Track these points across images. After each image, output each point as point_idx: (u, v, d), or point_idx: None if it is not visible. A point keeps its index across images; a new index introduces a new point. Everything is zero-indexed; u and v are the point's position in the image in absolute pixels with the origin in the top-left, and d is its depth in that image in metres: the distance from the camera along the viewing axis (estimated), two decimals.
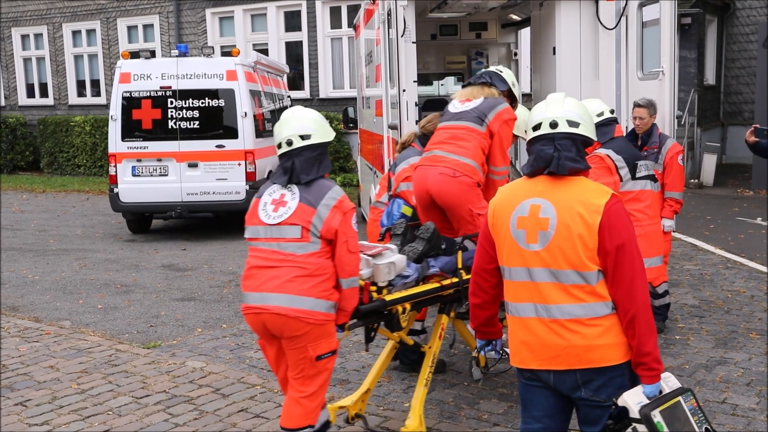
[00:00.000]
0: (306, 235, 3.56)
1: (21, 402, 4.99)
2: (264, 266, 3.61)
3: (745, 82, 18.19)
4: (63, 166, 19.11)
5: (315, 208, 3.57)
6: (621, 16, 6.76)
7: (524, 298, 2.87)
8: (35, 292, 8.03)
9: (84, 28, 19.88)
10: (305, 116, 3.75)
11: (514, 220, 2.89)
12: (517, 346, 2.93)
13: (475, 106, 4.85)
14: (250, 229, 3.71)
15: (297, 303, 3.51)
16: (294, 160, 3.65)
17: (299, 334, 3.55)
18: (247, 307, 3.66)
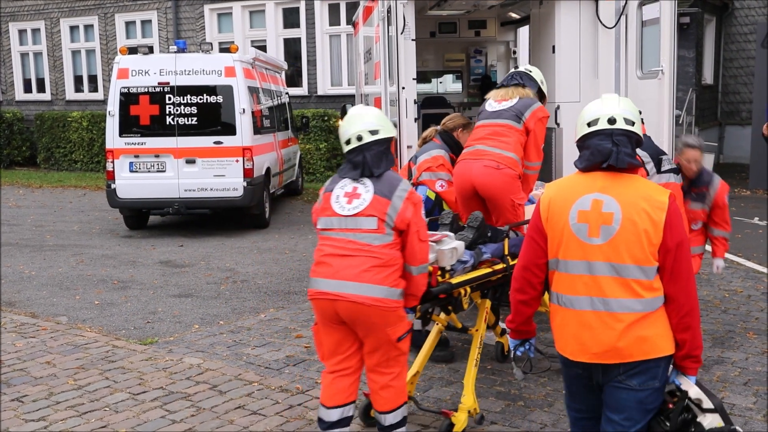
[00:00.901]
0: (381, 227, 3.72)
1: (17, 398, 4.98)
2: (339, 255, 3.74)
3: (743, 81, 18.21)
4: (60, 162, 19.07)
5: (390, 200, 3.73)
6: (621, 15, 6.75)
7: (581, 291, 2.93)
8: (32, 288, 8.01)
9: (82, 24, 19.82)
10: (372, 113, 3.96)
11: (575, 213, 2.94)
12: (566, 338, 3.00)
13: (512, 105, 5.21)
14: (322, 220, 3.87)
15: (373, 291, 3.67)
16: (365, 154, 3.81)
17: (374, 321, 3.71)
18: (321, 293, 3.78)
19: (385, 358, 3.83)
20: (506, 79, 5.47)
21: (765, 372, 5.24)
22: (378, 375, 3.86)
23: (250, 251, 9.77)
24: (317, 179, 16.17)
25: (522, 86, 5.31)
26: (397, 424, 3.90)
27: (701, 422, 2.88)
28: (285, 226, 11.62)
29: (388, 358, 3.83)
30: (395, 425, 3.90)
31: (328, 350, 3.91)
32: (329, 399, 3.88)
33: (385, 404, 3.87)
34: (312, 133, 15.97)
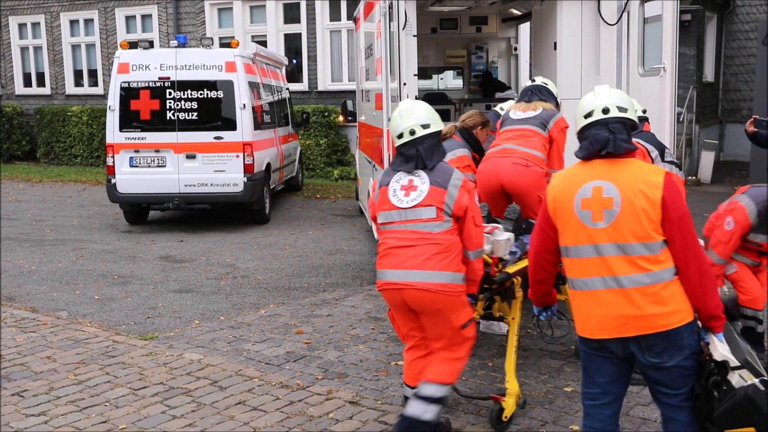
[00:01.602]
0: (440, 215, 3.87)
1: (18, 392, 4.98)
2: (402, 246, 3.89)
3: (744, 79, 18.19)
4: (60, 156, 19.05)
5: (446, 189, 3.89)
6: (622, 12, 6.74)
7: (592, 272, 3.13)
8: (32, 282, 8.01)
9: (82, 18, 19.78)
10: (423, 107, 4.10)
11: (578, 201, 3.16)
12: (583, 318, 3.20)
13: (537, 114, 5.60)
14: (382, 214, 4.01)
15: (437, 278, 3.81)
16: (417, 147, 3.96)
17: (440, 307, 3.85)
18: (388, 284, 3.93)
19: (449, 344, 3.98)
20: (526, 93, 5.77)
21: None
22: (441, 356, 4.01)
23: (250, 247, 9.77)
24: (317, 175, 16.17)
25: (543, 101, 5.70)
26: (438, 400, 3.96)
27: (730, 380, 3.07)
28: (285, 221, 11.61)
29: (452, 344, 3.98)
30: (435, 400, 3.95)
31: (403, 331, 4.12)
32: (412, 379, 4.08)
33: (435, 374, 3.96)
34: (312, 129, 15.96)
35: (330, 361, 5.54)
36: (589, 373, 3.29)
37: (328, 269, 8.48)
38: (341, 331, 6.23)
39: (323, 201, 13.64)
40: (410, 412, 3.93)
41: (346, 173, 15.80)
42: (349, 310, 6.83)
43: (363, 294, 7.41)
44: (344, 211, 12.51)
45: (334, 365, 5.45)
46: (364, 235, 10.32)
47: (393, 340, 5.98)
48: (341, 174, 15.87)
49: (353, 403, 4.75)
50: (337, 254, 9.25)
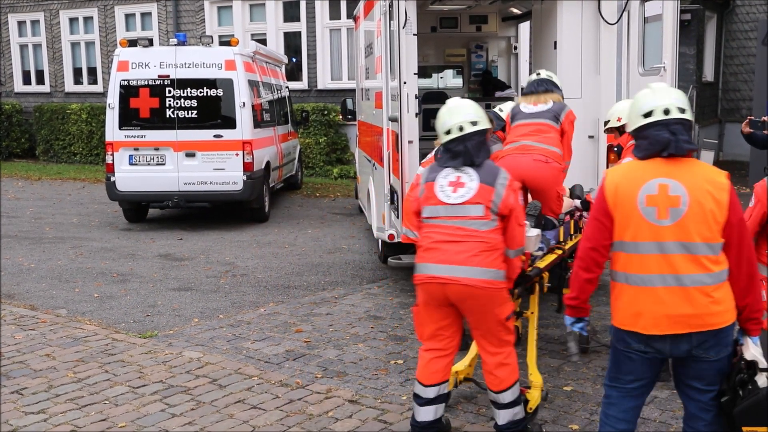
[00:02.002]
0: (487, 213, 3.92)
1: (17, 390, 4.98)
2: (449, 241, 3.92)
3: (744, 79, 18.19)
4: (59, 154, 19.03)
5: (494, 188, 3.93)
6: (623, 12, 6.75)
7: (652, 269, 3.15)
8: (31, 280, 8.00)
9: (81, 15, 19.75)
10: (471, 105, 4.12)
11: (642, 198, 3.16)
12: (634, 314, 3.19)
13: (549, 108, 5.65)
14: (428, 208, 4.04)
15: (483, 274, 3.86)
16: (466, 144, 3.99)
17: (484, 303, 3.90)
18: (431, 278, 3.94)
19: (497, 339, 4.02)
20: (533, 85, 5.79)
21: None
22: (491, 356, 4.03)
23: (250, 245, 9.77)
24: (317, 173, 16.16)
25: (551, 92, 5.73)
26: (515, 402, 4.04)
27: (757, 380, 3.15)
28: (284, 220, 11.61)
29: (500, 339, 4.02)
30: (513, 402, 4.03)
31: (429, 331, 4.10)
32: (427, 378, 4.08)
33: (501, 383, 4.02)
34: (312, 128, 15.95)
35: (329, 359, 5.54)
36: (620, 367, 3.33)
37: (328, 268, 8.47)
38: (341, 330, 6.23)
39: (322, 199, 13.63)
40: (503, 421, 4.05)
41: (346, 172, 15.79)
42: (348, 309, 6.83)
43: (362, 293, 7.41)
44: (343, 209, 12.51)
45: (334, 364, 5.45)
46: (363, 233, 10.32)
47: (392, 339, 5.98)
48: (341, 173, 15.86)
49: (352, 402, 4.75)
50: (337, 253, 9.25)
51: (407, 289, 7.48)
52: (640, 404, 3.38)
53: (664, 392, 4.83)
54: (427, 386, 4.06)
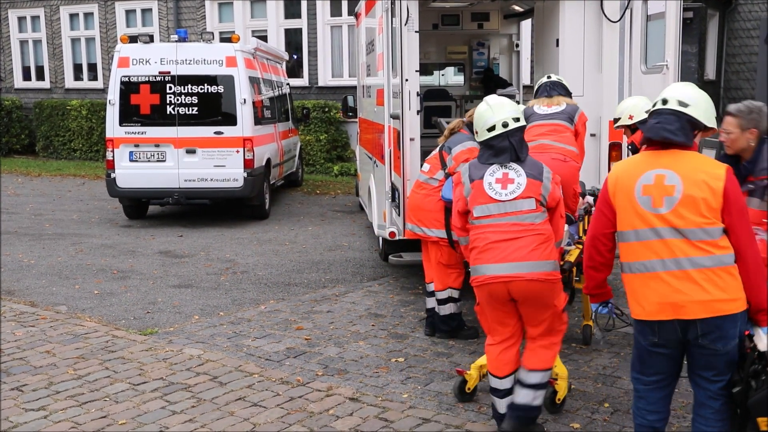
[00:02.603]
0: (539, 206, 4.03)
1: (17, 387, 4.96)
2: (506, 239, 3.99)
3: (746, 77, 18.16)
4: (59, 150, 19.01)
5: (542, 181, 4.05)
6: (625, 10, 6.71)
7: (652, 255, 3.27)
8: (31, 277, 7.99)
9: (81, 11, 19.72)
10: (510, 102, 4.25)
11: (639, 188, 3.32)
12: (641, 301, 3.31)
13: (563, 110, 5.81)
14: (479, 208, 4.08)
15: (544, 267, 3.96)
16: (510, 139, 4.07)
17: (545, 295, 4.00)
18: (494, 278, 3.99)
19: (549, 329, 4.12)
20: (546, 89, 5.95)
21: None
22: (540, 338, 4.14)
23: (250, 242, 9.75)
24: (317, 170, 16.14)
25: (563, 96, 5.92)
26: (540, 386, 4.12)
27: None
28: (285, 217, 11.59)
29: (552, 329, 4.13)
30: (538, 386, 4.10)
31: (495, 327, 4.19)
32: (500, 369, 4.17)
33: (537, 362, 4.10)
34: (312, 125, 15.93)
35: (330, 357, 5.53)
36: (641, 361, 3.42)
37: (328, 265, 8.46)
38: (341, 328, 6.22)
39: (323, 197, 13.62)
40: (521, 401, 4.10)
41: (346, 169, 15.77)
42: (349, 307, 6.82)
43: (363, 290, 7.39)
44: (344, 207, 12.49)
45: (335, 361, 5.44)
46: (363, 231, 10.30)
47: (393, 337, 5.97)
48: (341, 170, 15.84)
49: (353, 400, 4.74)
50: (337, 250, 9.23)
51: (408, 287, 7.47)
52: (667, 394, 3.44)
53: None
54: (503, 377, 4.16)
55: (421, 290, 7.34)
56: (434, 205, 5.76)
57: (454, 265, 5.84)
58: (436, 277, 5.89)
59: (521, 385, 4.12)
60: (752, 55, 17.51)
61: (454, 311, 5.87)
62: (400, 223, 6.68)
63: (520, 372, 4.15)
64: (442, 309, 5.87)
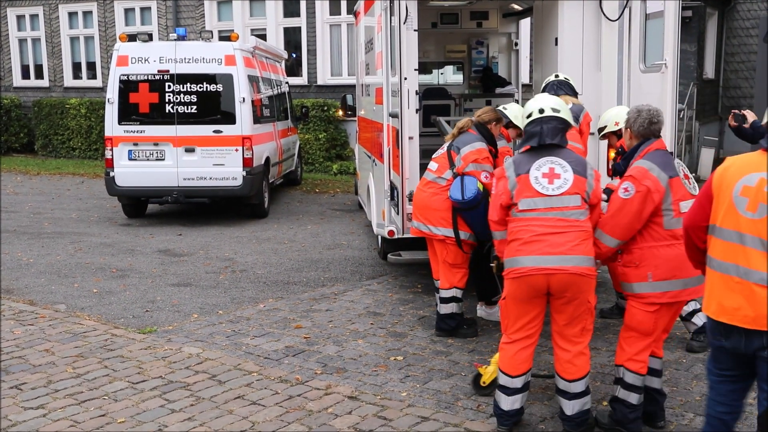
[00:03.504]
0: (583, 203, 4.09)
1: (16, 385, 4.97)
2: (552, 233, 4.04)
3: (744, 76, 18.16)
4: (58, 149, 19.00)
5: (586, 178, 4.12)
6: (624, 8, 6.72)
7: (730, 257, 3.21)
8: (30, 275, 7.99)
9: (80, 10, 19.71)
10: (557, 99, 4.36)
11: (739, 187, 3.22)
12: (710, 297, 3.29)
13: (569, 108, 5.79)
14: (524, 201, 4.13)
15: (586, 262, 4.03)
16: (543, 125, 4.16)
17: (584, 289, 4.05)
18: (536, 269, 4.02)
19: (581, 327, 4.15)
20: (553, 87, 6.03)
21: None
22: (572, 344, 4.16)
23: (249, 241, 9.75)
24: (316, 169, 16.14)
25: (569, 95, 6.00)
26: (586, 391, 4.18)
27: None
28: (284, 216, 11.60)
29: (584, 328, 4.16)
30: (584, 392, 4.17)
31: (517, 324, 4.20)
32: (514, 368, 4.20)
33: (577, 372, 4.14)
34: (311, 123, 15.93)
35: (329, 355, 5.53)
36: (713, 355, 3.43)
37: (327, 264, 8.46)
38: (340, 326, 6.22)
39: (322, 195, 13.62)
40: (573, 411, 4.16)
41: (345, 168, 15.77)
42: (348, 305, 6.82)
43: (362, 289, 7.40)
44: (343, 205, 12.50)
45: (333, 360, 5.45)
46: (363, 229, 10.31)
47: (392, 335, 5.98)
48: (340, 168, 15.84)
49: (352, 398, 4.74)
50: (336, 249, 9.24)
51: (407, 286, 7.48)
52: (737, 389, 3.41)
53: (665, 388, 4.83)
54: (515, 377, 4.19)
55: (420, 289, 7.34)
56: (441, 204, 5.76)
57: (460, 265, 5.84)
58: (442, 275, 5.89)
59: (567, 396, 4.16)
60: (751, 54, 17.52)
61: (455, 311, 5.87)
62: (399, 222, 6.68)
63: (561, 383, 4.18)
64: (443, 308, 5.87)
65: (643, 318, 4.12)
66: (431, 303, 6.63)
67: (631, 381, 4.19)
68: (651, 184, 3.98)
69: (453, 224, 5.71)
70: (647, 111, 4.21)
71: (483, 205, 5.66)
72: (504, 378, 4.22)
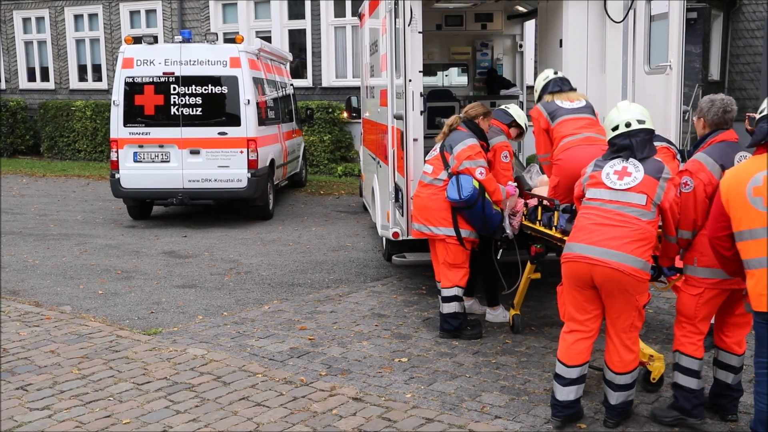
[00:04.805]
0: (649, 204, 4.13)
1: (22, 386, 4.98)
2: (606, 224, 4.13)
3: (750, 78, 18.12)
4: (63, 151, 19.07)
5: (658, 181, 4.15)
6: (629, 10, 6.71)
7: (763, 252, 3.49)
8: (36, 277, 8.01)
9: (86, 12, 19.78)
10: (639, 107, 4.44)
11: (750, 190, 3.55)
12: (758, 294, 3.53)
13: (586, 104, 5.98)
14: (592, 191, 4.28)
15: (632, 262, 4.05)
16: (631, 139, 4.24)
17: (627, 288, 4.09)
18: (581, 257, 4.14)
19: (629, 323, 4.20)
20: (560, 83, 6.06)
21: None
22: (619, 338, 4.21)
23: (254, 243, 9.77)
24: (321, 171, 16.16)
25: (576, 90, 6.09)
26: (632, 385, 4.27)
27: None
28: (289, 218, 11.61)
29: (631, 324, 4.20)
30: (630, 385, 4.26)
31: (573, 312, 4.29)
32: (570, 359, 4.26)
33: (625, 366, 4.22)
34: (316, 125, 15.95)
35: (333, 357, 5.54)
36: (762, 342, 3.59)
37: (332, 265, 8.47)
38: (345, 328, 6.23)
39: (327, 197, 13.63)
40: (617, 401, 4.26)
41: (350, 170, 15.78)
42: (352, 307, 6.83)
43: (367, 290, 7.40)
44: (348, 207, 12.51)
45: (338, 361, 5.45)
46: (367, 231, 10.31)
47: (396, 337, 5.98)
48: (345, 170, 15.85)
49: (357, 400, 4.75)
50: (341, 251, 9.24)
51: (411, 287, 7.48)
52: None
53: (670, 391, 4.82)
54: (571, 367, 4.24)
55: (425, 291, 7.34)
56: (440, 204, 5.81)
57: (461, 264, 5.85)
58: (443, 275, 5.91)
59: (612, 387, 4.25)
60: (756, 55, 17.47)
61: (458, 310, 5.88)
62: (403, 224, 6.68)
63: (608, 373, 4.27)
64: (446, 307, 5.88)
65: (687, 301, 4.27)
66: (436, 305, 6.63)
67: (686, 364, 4.29)
68: (705, 177, 4.13)
69: (453, 223, 5.73)
70: (720, 100, 4.34)
71: (480, 202, 5.70)
72: (560, 367, 4.29)
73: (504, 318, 6.28)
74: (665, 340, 5.81)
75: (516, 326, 6.03)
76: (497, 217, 5.80)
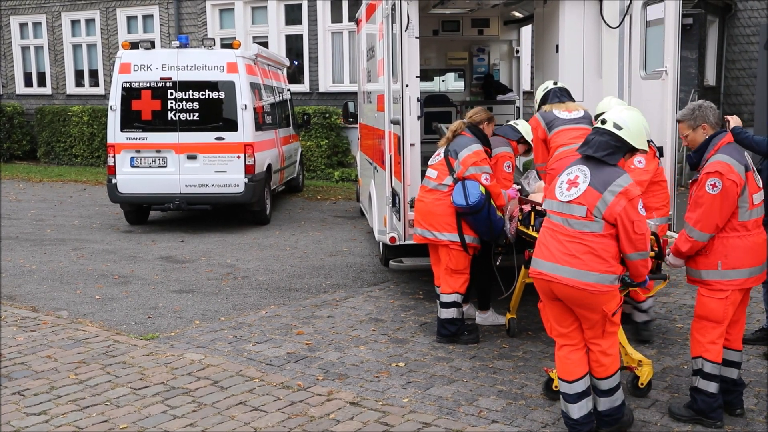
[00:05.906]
0: (589, 216, 3.98)
1: (18, 391, 4.98)
2: (556, 239, 4.06)
3: (745, 83, 18.19)
4: (60, 156, 19.05)
5: (601, 194, 3.97)
6: (625, 15, 6.75)
7: None
8: (32, 282, 8.00)
9: (83, 18, 19.79)
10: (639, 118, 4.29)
11: None
12: None
13: (584, 115, 6.11)
14: (546, 201, 4.26)
15: (583, 276, 3.95)
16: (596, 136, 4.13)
17: (586, 302, 4.01)
18: (539, 273, 4.11)
19: (601, 331, 4.13)
20: (558, 94, 6.20)
21: (765, 374, 5.25)
22: (595, 345, 4.17)
23: (251, 248, 9.77)
24: (318, 176, 16.17)
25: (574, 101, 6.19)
26: (615, 389, 4.21)
27: None
28: (286, 223, 11.61)
29: (604, 331, 4.13)
30: (613, 390, 4.21)
31: (554, 326, 4.24)
32: (569, 373, 4.19)
33: (604, 371, 4.17)
34: (313, 130, 15.96)
35: (331, 362, 5.54)
36: None
37: (329, 270, 8.47)
38: (342, 332, 6.23)
39: (324, 202, 13.64)
40: (603, 408, 4.22)
41: (347, 175, 15.79)
42: (349, 312, 6.83)
43: (364, 295, 7.41)
44: (345, 212, 12.51)
45: (335, 366, 5.45)
46: (364, 236, 10.32)
47: (393, 342, 5.98)
48: (342, 175, 15.87)
49: (354, 404, 4.75)
50: (338, 255, 9.25)
51: (408, 292, 7.48)
52: None
53: (665, 395, 4.83)
54: (573, 381, 4.18)
55: (422, 295, 7.35)
56: (445, 210, 5.81)
57: (462, 270, 5.86)
58: (444, 281, 5.91)
59: (597, 392, 4.23)
60: (752, 61, 17.55)
61: (456, 316, 5.88)
62: (400, 228, 6.69)
63: (592, 380, 4.22)
64: (444, 312, 5.88)
65: (715, 306, 4.26)
66: (433, 309, 6.64)
67: (709, 371, 4.30)
68: (736, 178, 4.14)
69: (457, 229, 5.73)
70: (703, 103, 4.42)
71: (486, 208, 5.70)
72: (564, 385, 4.22)
73: (493, 321, 6.30)
74: (661, 345, 5.83)
75: (512, 330, 6.04)
76: (501, 222, 5.80)
